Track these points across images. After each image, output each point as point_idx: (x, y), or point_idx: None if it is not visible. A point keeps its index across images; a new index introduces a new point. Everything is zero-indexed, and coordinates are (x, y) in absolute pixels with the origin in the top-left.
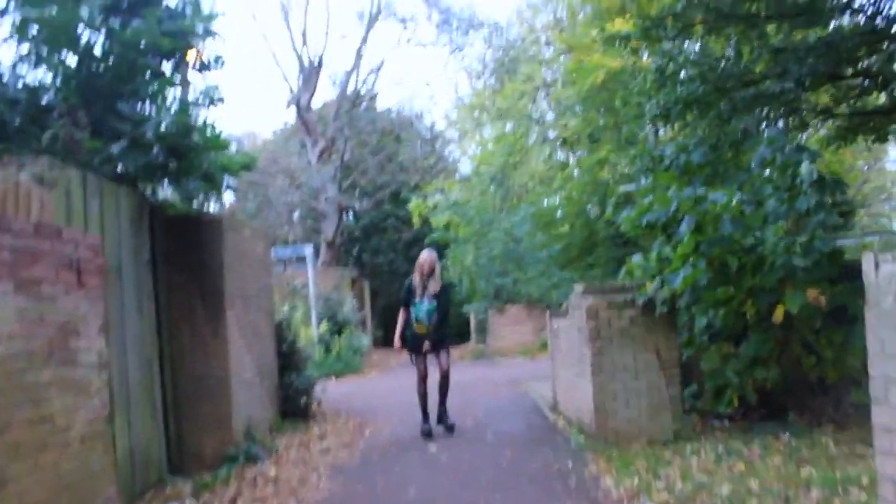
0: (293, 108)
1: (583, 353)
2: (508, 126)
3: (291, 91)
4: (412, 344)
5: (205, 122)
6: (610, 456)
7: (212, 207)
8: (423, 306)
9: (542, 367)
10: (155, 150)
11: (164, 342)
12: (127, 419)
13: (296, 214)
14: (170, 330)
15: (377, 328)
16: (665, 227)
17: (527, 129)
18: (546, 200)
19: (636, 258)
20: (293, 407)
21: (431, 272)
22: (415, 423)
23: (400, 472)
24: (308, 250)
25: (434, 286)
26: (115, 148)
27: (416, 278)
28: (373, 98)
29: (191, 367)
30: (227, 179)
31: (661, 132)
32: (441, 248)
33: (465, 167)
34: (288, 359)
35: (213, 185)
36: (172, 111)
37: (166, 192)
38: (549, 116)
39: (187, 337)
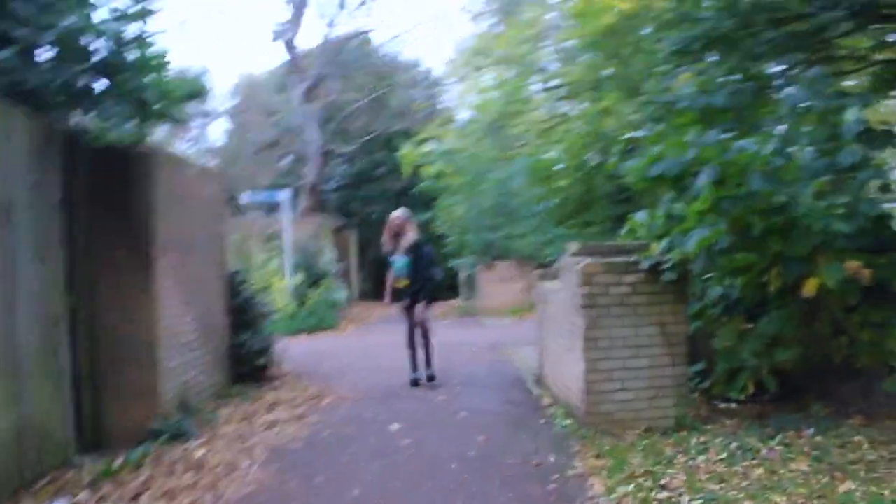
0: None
1: (574, 323)
2: (509, 73)
3: (279, 25)
4: (398, 297)
5: (140, 36)
6: (600, 449)
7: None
8: (399, 262)
9: (530, 330)
10: (63, 64)
11: (79, 298)
12: (13, 391)
13: (276, 157)
14: (87, 283)
15: (365, 280)
16: (677, 180)
17: (528, 77)
18: (544, 153)
19: (640, 215)
20: (247, 370)
21: (399, 231)
22: (382, 393)
23: (348, 461)
24: (284, 195)
25: (406, 242)
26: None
27: (385, 236)
28: (364, 36)
29: (111, 326)
30: (169, 109)
31: (674, 79)
32: (430, 199)
33: (462, 115)
34: (241, 316)
35: (146, 113)
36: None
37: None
38: (554, 66)
39: (108, 291)
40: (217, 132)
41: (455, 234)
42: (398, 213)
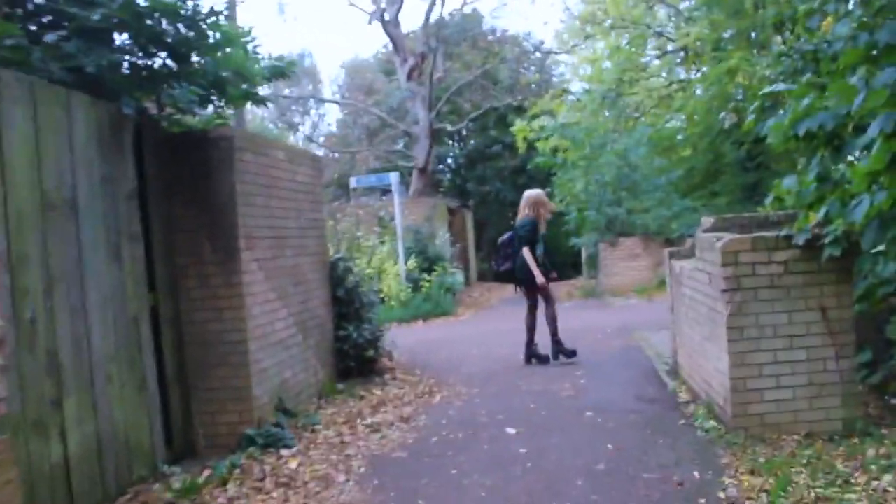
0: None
1: (715, 309)
2: (623, 40)
3: (376, 4)
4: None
5: (215, 11)
6: (755, 462)
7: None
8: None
9: (659, 311)
10: (126, 42)
11: (161, 296)
12: (87, 401)
13: (386, 140)
14: (168, 280)
15: (483, 261)
16: (832, 137)
17: (643, 41)
18: (665, 122)
19: (788, 181)
20: (354, 365)
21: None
22: (499, 388)
23: (457, 475)
24: (394, 178)
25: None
26: (50, 37)
27: (538, 213)
28: (468, 9)
29: (197, 326)
30: (252, 89)
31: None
32: (547, 176)
33: (575, 87)
34: (346, 307)
35: (225, 94)
36: None
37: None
38: (669, 29)
39: (191, 288)
40: (331, 119)
41: (574, 210)
42: (532, 192)
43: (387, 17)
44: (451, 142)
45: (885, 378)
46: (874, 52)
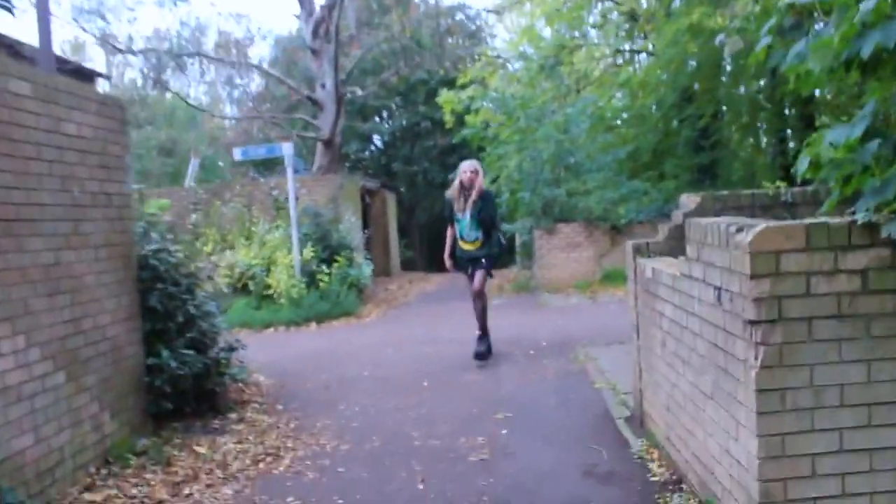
0: None
1: (727, 350)
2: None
3: None
4: (460, 262)
5: None
6: None
7: None
8: (466, 221)
9: (606, 315)
10: None
11: None
12: None
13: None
14: None
15: (407, 248)
16: None
17: (588, 4)
18: (609, 98)
19: (837, 132)
20: (183, 401)
21: (469, 185)
22: (384, 441)
23: None
24: (287, 149)
25: (474, 196)
26: None
27: (453, 191)
28: None
29: None
30: None
31: None
32: (479, 152)
33: (510, 54)
34: (164, 321)
35: None
36: None
37: None
38: None
39: None
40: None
41: (506, 191)
42: (469, 164)
43: None
44: (377, 118)
45: None
46: None
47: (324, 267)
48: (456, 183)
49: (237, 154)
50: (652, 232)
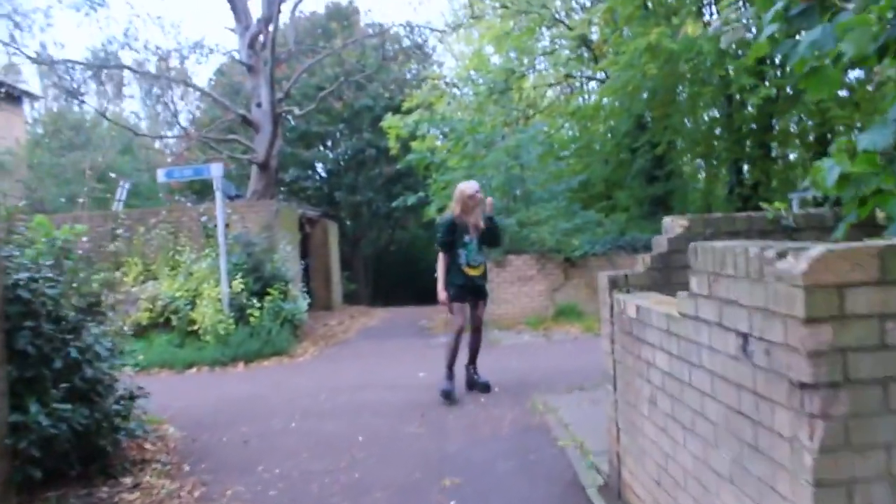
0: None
1: (763, 423)
2: (513, 25)
3: None
4: (462, 291)
5: None
6: None
7: None
8: (474, 244)
9: (564, 355)
10: None
11: None
12: None
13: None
14: None
15: (350, 280)
16: None
17: (541, 21)
18: (558, 128)
19: (874, 135)
20: (64, 464)
21: (474, 206)
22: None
23: None
24: (216, 170)
25: (478, 219)
26: None
27: (459, 213)
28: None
29: None
30: None
31: None
32: (420, 180)
33: (458, 82)
34: (35, 368)
35: None
36: None
37: None
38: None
39: None
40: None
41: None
42: (475, 183)
43: None
44: (321, 147)
45: None
46: None
47: (255, 301)
48: (459, 205)
49: (161, 175)
50: (607, 265)
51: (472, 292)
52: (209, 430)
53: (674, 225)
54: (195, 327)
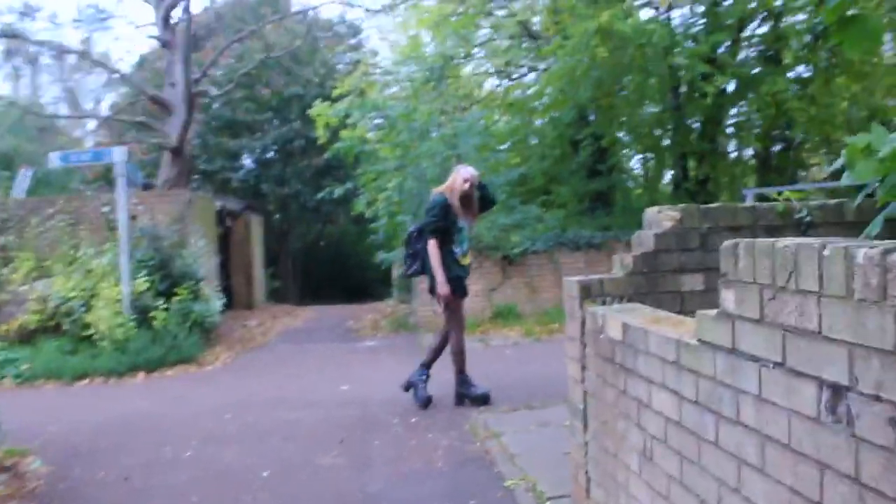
0: None
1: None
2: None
3: None
4: (460, 284)
5: None
6: None
7: None
8: (466, 232)
9: (504, 364)
10: None
11: None
12: None
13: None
14: None
15: (275, 278)
16: None
17: (479, 12)
18: (495, 122)
19: None
20: None
21: (470, 193)
22: None
23: None
24: (119, 153)
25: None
26: None
27: (453, 198)
28: None
29: None
30: None
31: None
32: (350, 171)
33: (394, 63)
34: None
35: None
36: None
37: None
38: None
39: None
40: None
41: (384, 215)
42: (472, 170)
43: None
44: (247, 136)
45: None
46: None
47: (161, 301)
48: (457, 188)
49: (54, 159)
50: (548, 264)
51: (463, 285)
52: (85, 462)
53: (661, 217)
54: (90, 332)
